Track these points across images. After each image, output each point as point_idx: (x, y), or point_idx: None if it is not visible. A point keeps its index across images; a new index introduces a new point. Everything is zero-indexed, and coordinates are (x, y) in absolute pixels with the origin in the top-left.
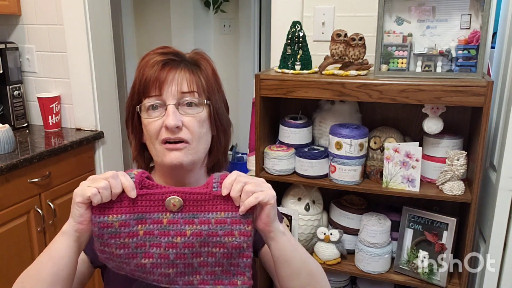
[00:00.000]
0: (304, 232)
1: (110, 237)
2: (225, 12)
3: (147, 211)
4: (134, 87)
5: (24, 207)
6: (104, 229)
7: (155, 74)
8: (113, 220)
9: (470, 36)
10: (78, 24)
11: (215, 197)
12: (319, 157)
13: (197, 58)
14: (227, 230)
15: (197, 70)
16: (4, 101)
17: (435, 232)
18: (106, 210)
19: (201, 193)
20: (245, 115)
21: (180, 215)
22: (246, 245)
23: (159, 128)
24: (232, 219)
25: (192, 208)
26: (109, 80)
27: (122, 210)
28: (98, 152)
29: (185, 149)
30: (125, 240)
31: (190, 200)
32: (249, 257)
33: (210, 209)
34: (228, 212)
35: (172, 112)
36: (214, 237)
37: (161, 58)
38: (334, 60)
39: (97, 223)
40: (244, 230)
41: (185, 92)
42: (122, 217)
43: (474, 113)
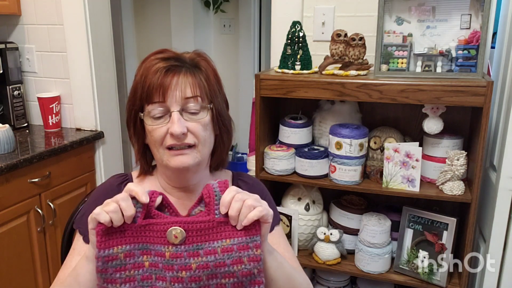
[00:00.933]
0: (304, 232)
1: (115, 270)
2: (225, 12)
3: (149, 241)
4: (135, 93)
5: (24, 207)
6: (109, 262)
7: (158, 81)
8: (118, 252)
9: (470, 36)
10: (78, 24)
11: (218, 223)
12: (319, 157)
13: (197, 60)
14: (235, 258)
15: (199, 73)
16: (4, 101)
17: (435, 232)
18: (109, 242)
19: (204, 221)
20: (245, 115)
21: (184, 247)
22: (256, 271)
23: (164, 134)
24: (239, 245)
25: (195, 239)
26: (109, 80)
27: (126, 240)
28: (98, 152)
29: (190, 153)
30: (131, 272)
31: (193, 230)
32: (261, 283)
33: (215, 237)
34: (234, 238)
35: (177, 119)
36: (222, 267)
37: (164, 64)
38: (334, 60)
39: (101, 257)
40: (253, 255)
41: (189, 97)
42: (127, 248)
43: (474, 113)
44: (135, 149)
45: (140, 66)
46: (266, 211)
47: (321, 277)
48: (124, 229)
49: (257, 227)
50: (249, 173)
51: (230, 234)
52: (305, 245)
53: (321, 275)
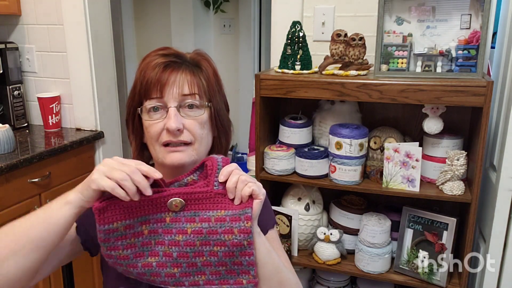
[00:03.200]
0: (304, 232)
1: (117, 239)
2: (225, 12)
3: (150, 213)
4: (135, 88)
5: (24, 207)
6: (110, 233)
7: (157, 76)
8: (118, 226)
9: (470, 36)
10: (78, 24)
11: (216, 195)
12: (319, 157)
13: (198, 59)
14: (227, 228)
15: (198, 72)
16: (4, 101)
17: (435, 232)
18: (110, 218)
19: (202, 192)
20: (245, 115)
21: (183, 213)
22: (246, 242)
23: (160, 130)
24: (231, 217)
25: (193, 207)
26: (109, 80)
27: (126, 215)
28: (98, 152)
29: (186, 150)
30: (131, 240)
31: (192, 199)
32: (251, 255)
33: (211, 207)
34: (228, 210)
35: (174, 114)
36: (214, 235)
37: (163, 60)
38: (334, 60)
39: (102, 230)
40: (243, 227)
41: (186, 95)
42: (127, 222)
43: (474, 113)
44: (132, 147)
45: (140, 63)
46: (257, 187)
47: (321, 277)
48: (124, 205)
49: (250, 201)
50: (249, 173)
51: (225, 206)
52: (305, 245)
53: (321, 275)
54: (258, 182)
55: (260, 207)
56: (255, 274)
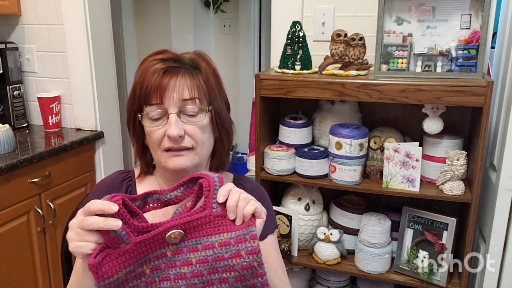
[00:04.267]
0: (304, 232)
1: (118, 286)
2: (225, 12)
3: (149, 252)
4: (134, 93)
5: (24, 207)
6: (111, 285)
7: (156, 82)
8: (118, 277)
9: (470, 36)
10: (78, 24)
11: (215, 218)
12: (319, 157)
13: (197, 61)
14: (233, 252)
15: (198, 74)
16: (4, 101)
17: (435, 232)
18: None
19: (201, 217)
20: (245, 115)
21: (183, 244)
22: (257, 264)
23: (162, 136)
24: (236, 239)
25: (194, 235)
26: (109, 80)
27: (125, 263)
28: (98, 152)
29: (188, 155)
30: (134, 282)
31: (191, 227)
32: (263, 275)
33: (212, 232)
34: (231, 232)
35: (174, 121)
36: (221, 262)
37: (161, 65)
38: (334, 60)
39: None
40: (251, 247)
41: (187, 99)
42: (127, 269)
43: (474, 113)
44: (134, 149)
45: (139, 66)
46: (259, 205)
47: (321, 277)
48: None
49: (252, 219)
50: (249, 173)
51: (227, 228)
52: (305, 245)
53: (321, 275)
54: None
55: (262, 226)
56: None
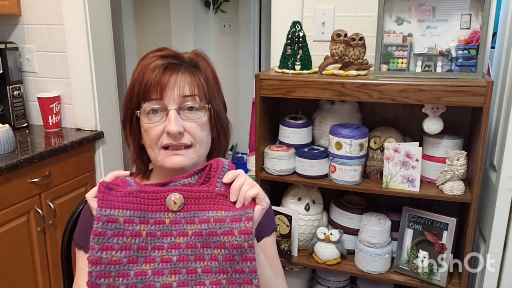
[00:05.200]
0: (304, 232)
1: (114, 234)
2: (225, 12)
3: (149, 210)
4: (133, 90)
5: (24, 207)
6: (109, 224)
7: (156, 78)
8: (118, 215)
9: (470, 36)
10: (78, 24)
11: (217, 195)
12: (319, 157)
13: (196, 60)
14: (226, 229)
15: (197, 73)
16: (4, 101)
17: (435, 232)
18: (111, 204)
19: (203, 191)
20: (245, 115)
21: (182, 214)
22: (247, 245)
23: (160, 133)
24: (231, 217)
25: (193, 207)
26: (109, 80)
27: (127, 206)
28: (98, 152)
29: (187, 153)
30: (128, 239)
31: (191, 198)
32: (253, 260)
33: (211, 207)
34: (228, 211)
35: (174, 117)
36: (214, 237)
37: (162, 61)
38: (334, 60)
39: (102, 216)
40: (244, 227)
41: (187, 96)
42: (127, 213)
43: (474, 113)
44: (130, 150)
45: (138, 63)
46: (262, 193)
47: (321, 277)
48: (124, 194)
49: (252, 203)
50: (249, 173)
51: (226, 207)
52: (305, 245)
53: (321, 275)
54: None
55: (261, 214)
56: (258, 284)
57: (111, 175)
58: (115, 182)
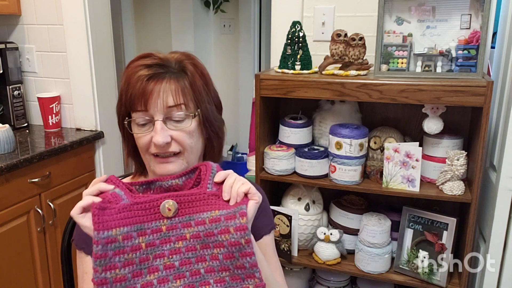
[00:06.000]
0: (304, 232)
1: (114, 254)
2: (225, 12)
3: (144, 220)
4: (121, 99)
5: (24, 207)
6: (109, 245)
7: (140, 90)
8: (116, 234)
9: (470, 36)
10: (78, 24)
11: (209, 196)
12: (319, 157)
13: (184, 63)
14: (222, 228)
15: (184, 78)
16: (4, 101)
17: (435, 232)
18: (107, 224)
19: (195, 193)
20: (245, 115)
21: (178, 219)
22: (244, 241)
23: (148, 142)
24: (226, 216)
25: (187, 210)
26: (109, 80)
27: (122, 222)
28: (98, 152)
29: (176, 161)
30: (130, 255)
31: (185, 202)
32: (252, 255)
33: (204, 209)
34: (222, 209)
35: (160, 128)
36: (212, 237)
37: (146, 72)
38: (334, 60)
39: (101, 239)
40: (239, 224)
41: (172, 106)
42: (124, 230)
43: (474, 113)
44: (125, 151)
45: (124, 71)
46: (253, 188)
47: (321, 277)
48: (118, 210)
49: (245, 199)
50: (249, 173)
51: (219, 206)
52: (305, 245)
53: (321, 275)
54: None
55: (255, 209)
56: (261, 276)
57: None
58: (106, 198)
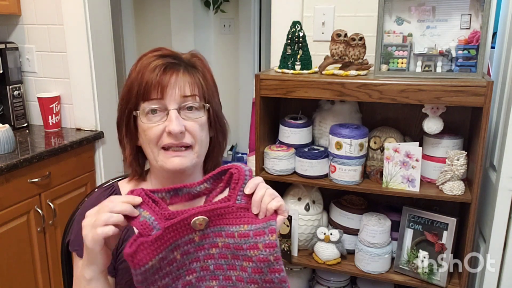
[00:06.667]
0: (304, 232)
1: (153, 274)
2: (225, 12)
3: (177, 238)
4: (131, 91)
5: (24, 207)
6: (147, 272)
7: (157, 78)
8: (153, 263)
9: (470, 36)
10: (78, 24)
11: (238, 209)
12: (319, 157)
13: (193, 60)
14: (251, 244)
15: (196, 72)
16: (4, 101)
17: (435, 232)
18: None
19: (224, 207)
20: (245, 115)
21: (209, 229)
22: (273, 258)
23: (160, 133)
24: (254, 231)
25: (218, 222)
26: (109, 80)
27: (158, 250)
28: (98, 152)
29: (188, 155)
30: (167, 269)
31: (214, 215)
32: (281, 271)
33: (234, 222)
34: (251, 224)
35: (175, 117)
36: (241, 251)
37: (161, 61)
38: (334, 60)
39: (140, 273)
40: (268, 241)
41: (187, 96)
42: (160, 255)
43: (474, 113)
44: (126, 152)
45: (136, 63)
46: (284, 203)
47: (321, 277)
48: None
49: (274, 215)
50: None
51: (248, 220)
52: (305, 245)
53: (321, 275)
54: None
55: (282, 223)
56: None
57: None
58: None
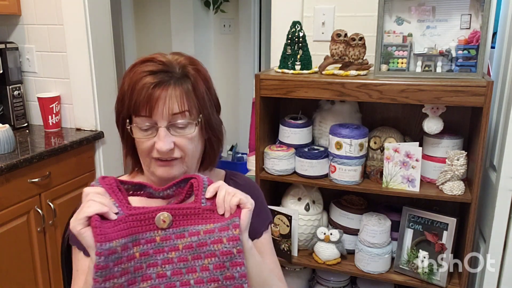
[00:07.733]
0: (304, 232)
1: (114, 264)
2: (225, 12)
3: (139, 231)
4: (123, 102)
5: (24, 207)
6: (110, 256)
7: (145, 98)
8: (116, 245)
9: (470, 36)
10: (78, 24)
11: (204, 211)
12: (319, 157)
13: (187, 69)
14: (216, 238)
15: (187, 83)
16: (4, 101)
17: (435, 232)
18: (107, 236)
19: (190, 207)
20: (245, 115)
21: (172, 230)
22: (236, 250)
23: (151, 146)
24: (220, 227)
25: (182, 223)
26: (109, 80)
27: (121, 234)
28: (98, 152)
29: (177, 164)
30: (126, 265)
31: (180, 215)
32: (242, 265)
33: (199, 222)
34: (217, 222)
35: (163, 135)
36: (204, 247)
37: (151, 79)
38: (334, 60)
39: (103, 251)
40: (232, 234)
41: (176, 113)
42: (122, 241)
43: (474, 113)
44: (124, 150)
45: (126, 74)
46: (244, 197)
47: (321, 277)
48: (115, 223)
49: (238, 211)
50: (249, 173)
51: (214, 220)
52: (305, 245)
53: (321, 275)
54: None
55: (249, 216)
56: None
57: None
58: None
